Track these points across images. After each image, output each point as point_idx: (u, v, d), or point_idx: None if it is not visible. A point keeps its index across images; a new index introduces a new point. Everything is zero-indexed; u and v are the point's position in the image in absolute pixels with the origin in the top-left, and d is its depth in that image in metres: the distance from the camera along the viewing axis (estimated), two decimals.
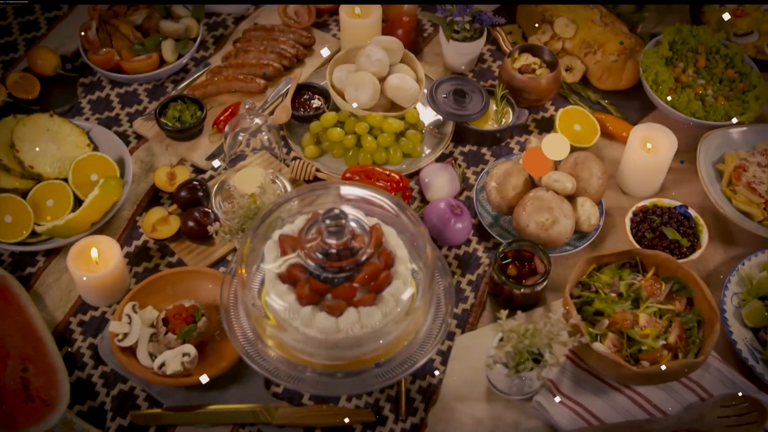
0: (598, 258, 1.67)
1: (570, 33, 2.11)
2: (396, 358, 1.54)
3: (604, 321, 1.60)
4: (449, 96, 1.97)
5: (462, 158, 1.98)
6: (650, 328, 1.57)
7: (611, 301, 1.61)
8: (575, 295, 1.64)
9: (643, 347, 1.56)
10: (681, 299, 1.63)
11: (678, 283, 1.64)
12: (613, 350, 1.56)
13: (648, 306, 1.61)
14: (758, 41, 2.16)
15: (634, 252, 1.67)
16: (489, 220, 1.85)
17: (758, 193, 1.84)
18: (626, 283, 1.64)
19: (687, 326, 1.59)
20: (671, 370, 1.51)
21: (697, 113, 1.96)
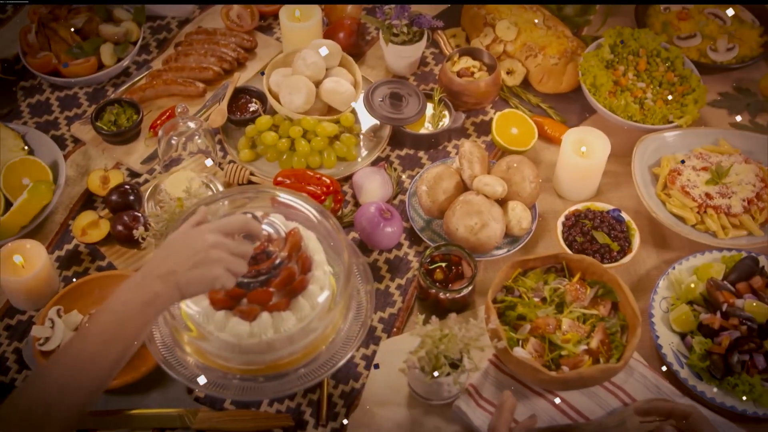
0: (523, 262, 1.66)
1: (511, 36, 2.10)
2: (314, 362, 1.55)
3: (526, 326, 1.59)
4: (385, 99, 1.97)
5: (398, 162, 1.97)
6: (572, 333, 1.57)
7: (534, 306, 1.61)
8: (498, 299, 1.63)
9: (563, 352, 1.55)
10: (606, 304, 1.62)
11: (603, 287, 1.63)
12: (535, 355, 1.55)
13: (571, 311, 1.60)
14: (701, 44, 2.15)
15: (560, 256, 1.66)
16: (421, 224, 1.84)
17: (692, 197, 1.84)
18: (551, 287, 1.64)
19: (610, 331, 1.59)
20: (590, 376, 1.50)
21: (634, 116, 1.96)
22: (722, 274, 1.74)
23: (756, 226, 1.82)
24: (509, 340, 1.56)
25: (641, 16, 2.23)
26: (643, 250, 1.83)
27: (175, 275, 1.28)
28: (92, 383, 1.23)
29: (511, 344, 1.56)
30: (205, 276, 1.30)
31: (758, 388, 1.59)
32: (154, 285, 1.27)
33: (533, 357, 1.54)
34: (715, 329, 1.65)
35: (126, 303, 1.26)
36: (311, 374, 1.53)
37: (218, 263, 1.31)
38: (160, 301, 1.27)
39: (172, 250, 1.32)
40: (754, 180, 1.85)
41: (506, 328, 1.58)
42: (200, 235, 1.33)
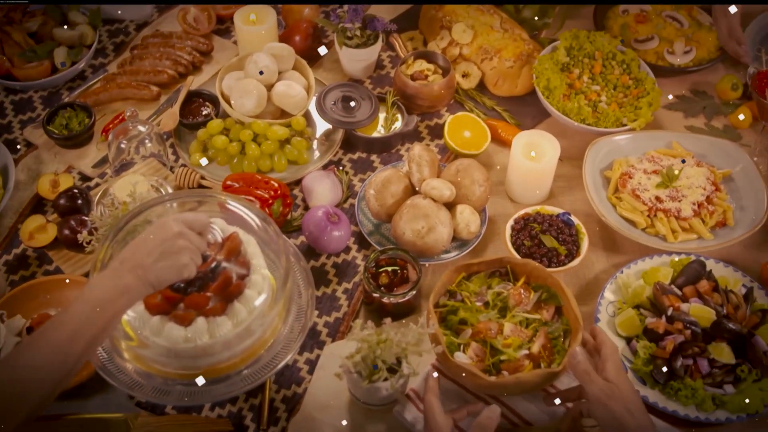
0: (467, 266, 1.65)
1: (467, 39, 2.10)
2: (253, 366, 1.54)
3: (467, 330, 1.58)
4: (338, 103, 1.96)
5: (350, 165, 1.96)
6: (514, 337, 1.56)
7: (476, 311, 1.60)
8: (441, 304, 1.62)
9: (504, 357, 1.54)
10: (549, 308, 1.61)
11: (547, 291, 1.63)
12: (476, 360, 1.54)
13: (514, 315, 1.59)
14: (658, 47, 2.14)
15: (504, 260, 1.65)
16: (369, 228, 1.84)
17: (642, 200, 1.83)
18: (494, 292, 1.63)
19: (552, 336, 1.58)
20: (529, 380, 1.49)
21: (587, 119, 1.95)
22: (670, 278, 1.73)
23: (706, 229, 1.81)
24: (450, 345, 1.55)
25: (600, 18, 2.22)
26: (592, 254, 1.82)
27: (144, 267, 1.31)
28: (60, 371, 1.25)
29: (452, 349, 1.55)
30: (174, 265, 1.34)
31: (700, 392, 1.58)
32: (124, 277, 1.30)
33: (474, 362, 1.53)
34: (660, 334, 1.64)
35: (97, 294, 1.29)
36: (249, 378, 1.52)
37: (185, 251, 1.35)
38: (130, 293, 1.30)
39: (140, 241, 1.35)
40: (705, 183, 1.84)
41: (448, 332, 1.58)
42: (166, 224, 1.36)
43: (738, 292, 1.72)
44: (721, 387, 1.60)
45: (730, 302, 1.69)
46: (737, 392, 1.59)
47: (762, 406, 1.57)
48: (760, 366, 1.61)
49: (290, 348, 1.56)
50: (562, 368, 1.50)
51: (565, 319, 1.60)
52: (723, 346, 1.62)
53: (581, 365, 1.41)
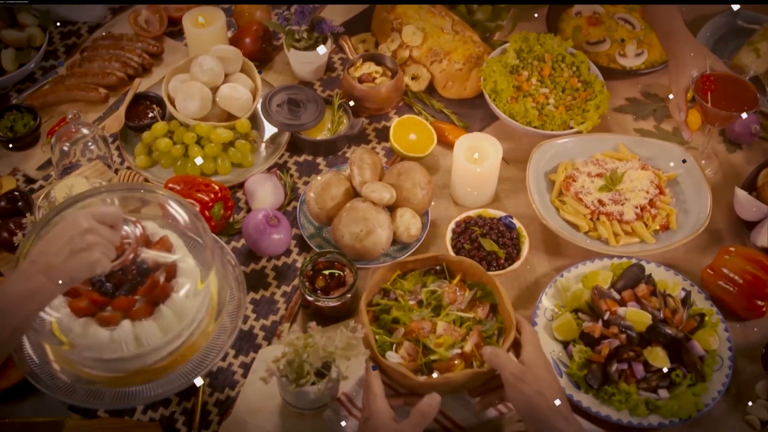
0: (402, 264, 1.63)
1: (417, 41, 2.09)
2: (181, 369, 1.54)
3: (400, 329, 1.55)
4: (283, 105, 1.96)
5: (295, 168, 1.96)
6: (446, 336, 1.53)
7: (409, 309, 1.57)
8: (374, 303, 1.60)
9: (435, 356, 1.51)
10: (484, 306, 1.58)
11: (482, 289, 1.59)
12: (408, 359, 1.51)
13: (448, 314, 1.56)
14: (610, 49, 2.14)
15: (439, 258, 1.63)
16: (311, 231, 1.83)
17: (584, 203, 1.82)
18: (428, 290, 1.60)
19: (486, 334, 1.54)
20: (458, 380, 1.46)
21: (533, 122, 1.94)
22: (609, 282, 1.72)
23: (648, 233, 1.80)
24: (383, 344, 1.53)
25: (553, 21, 2.22)
26: (534, 258, 1.81)
27: (54, 267, 1.29)
28: None
29: (385, 348, 1.52)
30: (84, 262, 1.31)
31: (634, 397, 1.57)
32: (34, 279, 1.29)
33: (406, 361, 1.51)
34: (596, 338, 1.63)
35: (7, 295, 1.27)
36: (176, 380, 1.52)
37: (96, 247, 1.32)
38: (41, 295, 1.29)
39: (49, 239, 1.33)
40: (649, 187, 1.83)
41: (381, 331, 1.55)
42: (75, 220, 1.33)
43: (677, 296, 1.71)
44: (656, 392, 1.60)
45: (668, 306, 1.68)
46: (671, 397, 1.59)
47: (695, 411, 1.56)
48: (695, 371, 1.60)
49: (219, 351, 1.55)
50: (491, 369, 1.48)
51: (500, 317, 1.57)
52: (658, 351, 1.61)
53: (490, 350, 1.41)
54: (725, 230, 1.87)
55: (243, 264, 1.80)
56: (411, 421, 1.37)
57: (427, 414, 1.38)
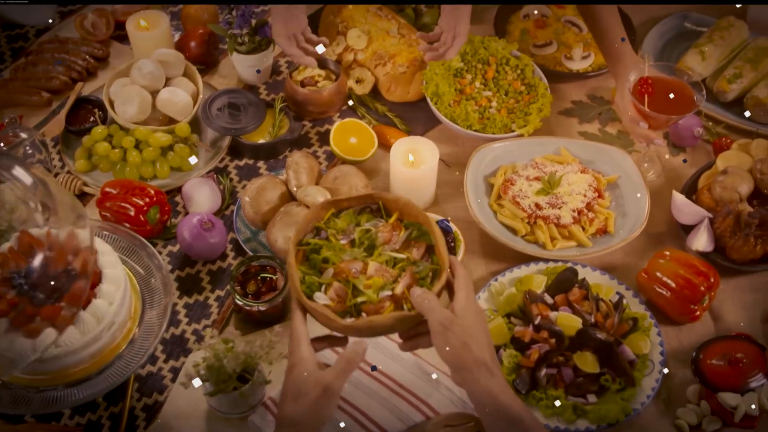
0: (336, 202, 1.52)
1: (362, 44, 2.08)
2: (104, 372, 1.54)
3: (329, 270, 1.46)
4: (224, 109, 1.95)
5: (236, 172, 1.95)
6: (377, 277, 1.43)
7: (339, 249, 1.47)
8: (304, 242, 1.49)
9: (364, 298, 1.42)
10: (420, 247, 1.47)
11: (418, 229, 1.50)
12: (336, 301, 1.42)
13: (380, 254, 1.45)
14: (557, 52, 2.13)
15: (375, 196, 1.52)
16: (247, 235, 1.82)
17: (521, 207, 1.81)
18: (362, 229, 1.50)
19: (420, 276, 1.43)
20: (382, 323, 1.36)
21: (474, 126, 1.93)
22: (543, 286, 1.72)
23: (585, 237, 1.79)
24: (311, 285, 1.43)
25: (502, 24, 2.21)
26: (470, 261, 1.81)
27: None
28: None
29: (313, 289, 1.43)
30: None
31: (562, 402, 1.56)
32: None
33: (334, 303, 1.41)
34: (526, 342, 1.62)
35: None
36: (99, 384, 1.53)
37: None
38: None
39: None
40: (587, 190, 1.82)
41: (311, 272, 1.46)
42: None
43: (611, 299, 1.70)
44: (585, 396, 1.59)
45: (600, 310, 1.67)
46: (599, 402, 1.58)
47: (623, 416, 1.55)
48: (624, 375, 1.59)
49: (143, 355, 1.55)
50: (417, 313, 1.37)
51: (435, 259, 1.48)
52: (587, 355, 1.60)
53: (419, 292, 1.33)
54: (666, 234, 1.86)
55: (178, 268, 1.79)
56: (336, 368, 1.31)
57: (352, 361, 1.33)
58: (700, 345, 1.61)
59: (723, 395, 1.56)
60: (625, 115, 1.84)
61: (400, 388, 1.61)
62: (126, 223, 1.77)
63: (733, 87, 2.04)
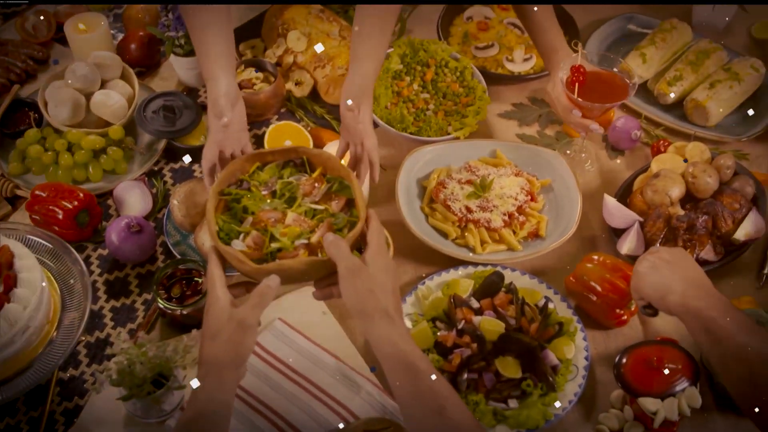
0: (261, 155, 1.57)
1: (302, 47, 2.08)
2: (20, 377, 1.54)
3: (249, 218, 1.49)
4: (159, 112, 1.94)
5: (170, 175, 1.95)
6: (295, 227, 1.47)
7: (259, 199, 1.52)
8: (226, 192, 1.53)
9: (279, 245, 1.45)
10: (340, 200, 1.53)
11: (340, 183, 1.54)
12: (253, 248, 1.45)
13: (300, 205, 1.51)
14: (498, 54, 2.12)
15: (299, 150, 1.57)
16: (177, 239, 1.82)
17: (452, 210, 1.80)
18: (284, 181, 1.54)
19: (337, 227, 1.48)
20: (293, 267, 1.40)
21: (409, 128, 1.93)
22: (470, 290, 1.71)
23: (515, 240, 1.78)
24: (230, 232, 1.47)
25: (446, 26, 2.20)
26: (401, 265, 1.80)
27: None
28: None
29: (232, 236, 1.46)
30: None
31: (481, 407, 1.55)
32: None
33: (251, 250, 1.45)
34: (449, 347, 1.62)
35: None
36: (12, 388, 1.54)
37: None
38: None
39: None
40: (518, 193, 1.81)
41: (231, 220, 1.50)
42: None
43: (538, 304, 1.69)
44: (506, 402, 1.58)
45: (525, 315, 1.66)
46: (520, 407, 1.57)
47: (543, 421, 1.54)
48: (545, 380, 1.58)
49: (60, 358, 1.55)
50: (328, 258, 1.40)
51: (355, 212, 1.51)
52: (509, 360, 1.59)
53: (332, 238, 1.36)
54: (599, 238, 1.85)
55: (107, 272, 1.79)
56: (250, 302, 1.34)
57: (265, 295, 1.35)
58: (624, 350, 1.60)
59: (643, 400, 1.55)
60: (558, 105, 1.83)
61: (321, 393, 1.60)
62: (55, 226, 1.76)
63: (673, 89, 2.03)
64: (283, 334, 1.68)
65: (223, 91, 1.66)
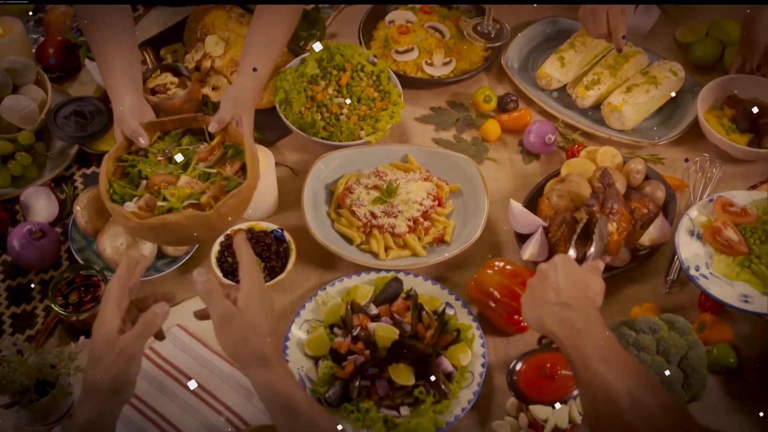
0: (161, 124, 1.68)
1: (219, 51, 2.07)
2: None
3: (143, 182, 1.60)
4: (70, 117, 1.94)
5: (82, 180, 1.94)
6: (186, 188, 1.56)
7: (154, 164, 1.62)
8: (124, 158, 1.64)
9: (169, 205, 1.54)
10: (235, 164, 1.63)
11: (236, 149, 1.65)
12: (145, 209, 1.54)
13: (194, 169, 1.61)
14: (418, 58, 2.11)
15: (198, 119, 1.68)
16: (81, 244, 1.81)
17: (357, 216, 1.79)
18: (180, 148, 1.65)
19: (228, 189, 1.56)
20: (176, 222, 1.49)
21: (320, 133, 1.92)
22: (370, 296, 1.70)
23: (419, 246, 1.77)
24: (123, 195, 1.57)
25: (368, 29, 2.19)
26: (305, 271, 1.79)
27: None
28: None
29: (126, 199, 1.57)
30: None
31: (373, 414, 1.54)
32: None
33: (143, 211, 1.53)
34: (343, 354, 1.61)
35: None
36: None
37: None
38: None
39: None
40: (424, 198, 1.80)
41: (129, 186, 1.60)
42: None
43: (437, 310, 1.68)
44: (398, 409, 1.57)
45: (423, 321, 1.66)
46: (412, 415, 1.56)
47: (434, 429, 1.53)
48: (438, 388, 1.57)
49: None
50: (213, 212, 1.48)
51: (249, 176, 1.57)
52: (402, 367, 1.59)
53: (201, 284, 1.30)
54: (507, 243, 1.84)
55: (10, 278, 1.78)
56: (134, 331, 1.29)
57: (151, 323, 1.30)
58: (519, 357, 1.58)
59: (534, 408, 1.54)
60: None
61: (214, 401, 1.59)
62: None
63: (590, 93, 2.02)
64: (181, 341, 1.67)
65: (127, 108, 1.68)
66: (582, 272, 1.44)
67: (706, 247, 1.68)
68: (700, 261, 1.66)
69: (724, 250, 1.65)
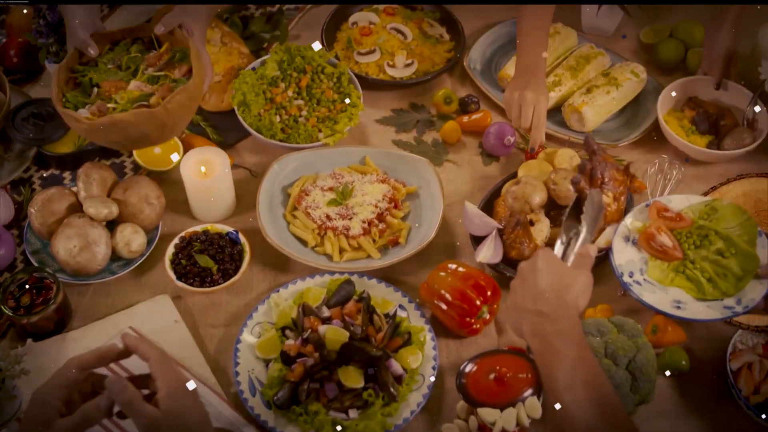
0: (111, 35, 1.76)
1: None
2: None
3: (95, 90, 1.69)
4: (29, 119, 1.93)
5: (40, 183, 1.94)
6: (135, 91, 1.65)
7: (105, 72, 1.70)
8: (76, 69, 1.72)
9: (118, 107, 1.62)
10: (182, 67, 1.70)
11: (183, 53, 1.72)
12: (97, 115, 1.62)
13: (143, 74, 1.70)
14: (380, 59, 2.10)
15: (146, 28, 1.77)
16: (36, 247, 1.80)
17: (312, 218, 1.79)
18: (129, 56, 1.73)
19: (173, 88, 1.64)
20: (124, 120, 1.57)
21: (277, 135, 1.91)
22: (322, 298, 1.69)
23: (374, 248, 1.77)
24: (76, 103, 1.66)
25: (332, 31, 2.19)
26: (259, 273, 1.78)
27: None
28: None
29: (78, 107, 1.66)
30: None
31: (321, 416, 1.54)
32: None
33: (95, 116, 1.60)
34: (292, 356, 1.60)
35: None
36: None
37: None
38: None
39: None
40: (380, 201, 1.80)
41: (82, 95, 1.68)
42: None
43: (389, 312, 1.68)
44: (347, 412, 1.57)
45: (374, 324, 1.65)
46: (361, 418, 1.55)
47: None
48: (387, 390, 1.56)
49: None
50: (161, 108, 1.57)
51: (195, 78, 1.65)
52: (351, 370, 1.58)
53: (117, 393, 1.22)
54: (463, 245, 1.83)
55: None
56: (72, 419, 1.22)
57: (89, 416, 1.23)
58: (468, 360, 1.58)
59: (482, 411, 1.53)
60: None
61: None
62: None
63: (551, 95, 2.01)
64: None
65: (79, 22, 1.73)
66: (564, 271, 1.37)
67: (641, 253, 1.67)
68: (634, 267, 1.65)
69: (659, 255, 1.65)
